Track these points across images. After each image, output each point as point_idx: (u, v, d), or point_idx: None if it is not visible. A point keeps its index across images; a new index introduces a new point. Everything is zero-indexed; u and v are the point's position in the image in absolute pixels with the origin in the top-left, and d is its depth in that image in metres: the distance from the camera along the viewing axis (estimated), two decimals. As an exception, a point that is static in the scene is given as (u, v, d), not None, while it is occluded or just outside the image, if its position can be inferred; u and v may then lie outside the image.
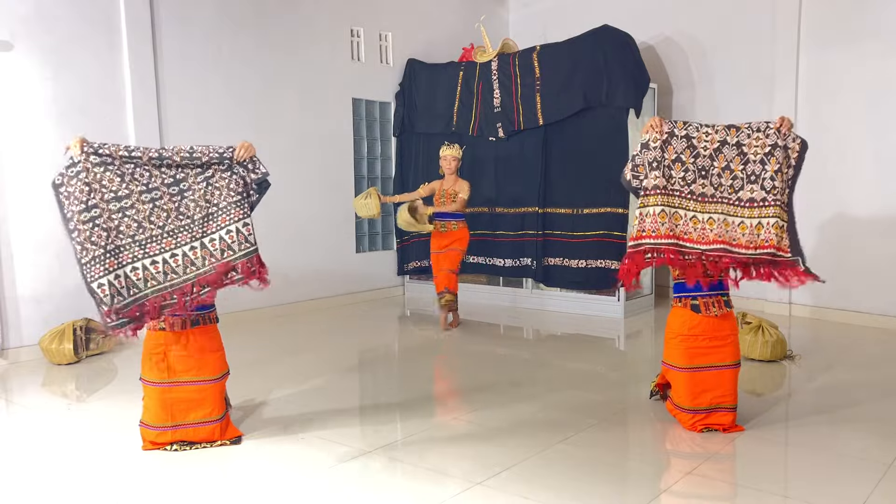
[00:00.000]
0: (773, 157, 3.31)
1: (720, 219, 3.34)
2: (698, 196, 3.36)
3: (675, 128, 3.39)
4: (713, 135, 3.37)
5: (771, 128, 3.35)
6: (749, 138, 3.35)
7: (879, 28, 5.89)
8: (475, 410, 3.93)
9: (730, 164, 3.34)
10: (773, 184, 3.30)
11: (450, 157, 5.93)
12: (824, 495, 2.82)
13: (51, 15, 5.24)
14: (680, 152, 3.37)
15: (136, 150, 3.24)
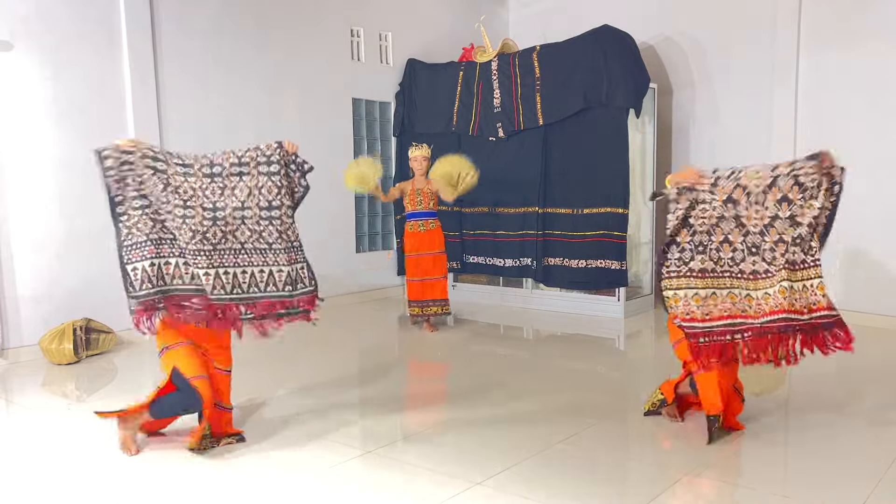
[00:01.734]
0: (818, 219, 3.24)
1: (775, 290, 3.23)
2: (749, 274, 3.28)
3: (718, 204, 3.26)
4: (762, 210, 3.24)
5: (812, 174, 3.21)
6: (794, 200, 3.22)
7: (879, 28, 5.89)
8: (475, 410, 3.93)
9: (782, 236, 3.23)
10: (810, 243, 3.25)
11: (419, 158, 5.96)
12: (824, 495, 2.82)
13: (51, 15, 5.24)
14: (728, 233, 3.29)
15: (187, 158, 3.33)
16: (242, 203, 3.32)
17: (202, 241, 3.28)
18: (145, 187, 3.25)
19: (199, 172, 3.31)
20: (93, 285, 5.42)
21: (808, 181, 3.22)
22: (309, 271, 3.52)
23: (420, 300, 6.04)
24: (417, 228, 6.00)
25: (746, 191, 3.27)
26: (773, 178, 3.25)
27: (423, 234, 5.99)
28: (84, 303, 5.36)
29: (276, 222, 3.37)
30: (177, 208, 3.26)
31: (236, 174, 3.32)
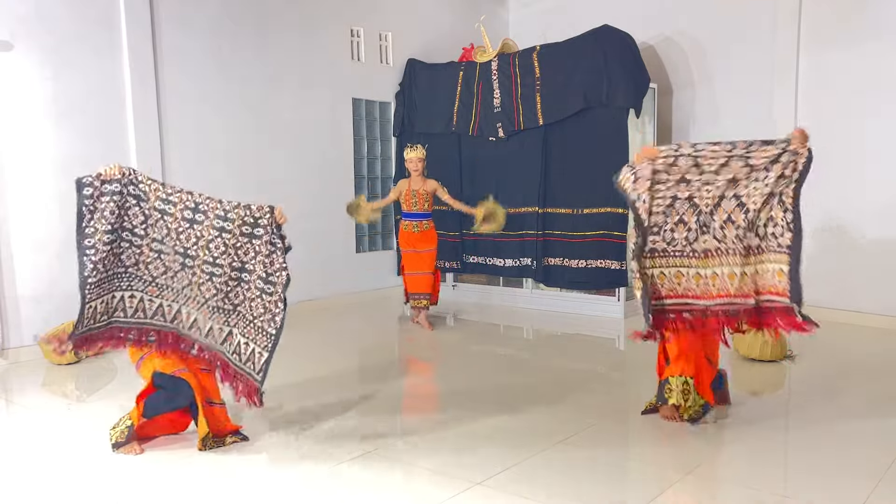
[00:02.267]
0: (768, 203, 3.28)
1: (725, 272, 3.33)
2: (701, 252, 3.36)
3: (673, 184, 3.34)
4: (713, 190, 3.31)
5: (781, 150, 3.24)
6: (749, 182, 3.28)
7: (879, 27, 5.89)
8: (475, 410, 3.92)
9: (730, 216, 3.31)
10: (765, 230, 3.29)
11: (415, 160, 6.00)
12: (824, 495, 2.82)
13: (51, 15, 5.24)
14: (682, 213, 3.36)
15: (172, 195, 3.23)
16: (214, 259, 3.26)
17: (172, 279, 3.28)
18: (119, 220, 3.16)
19: (179, 214, 3.23)
20: (93, 285, 5.41)
21: (759, 164, 3.27)
22: (262, 361, 3.34)
23: (415, 293, 6.14)
24: (412, 229, 6.06)
25: (700, 170, 3.32)
26: (727, 158, 3.30)
27: (417, 234, 6.05)
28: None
29: (244, 286, 3.30)
30: (154, 242, 3.23)
31: (217, 228, 3.23)
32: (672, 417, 3.67)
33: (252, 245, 3.27)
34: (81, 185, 3.14)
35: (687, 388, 3.55)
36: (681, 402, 3.56)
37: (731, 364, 4.81)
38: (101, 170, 3.20)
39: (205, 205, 3.24)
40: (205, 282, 3.27)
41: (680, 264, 3.38)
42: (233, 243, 3.25)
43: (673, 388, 3.58)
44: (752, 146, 3.27)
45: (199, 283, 3.27)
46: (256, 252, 3.27)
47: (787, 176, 3.26)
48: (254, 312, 3.31)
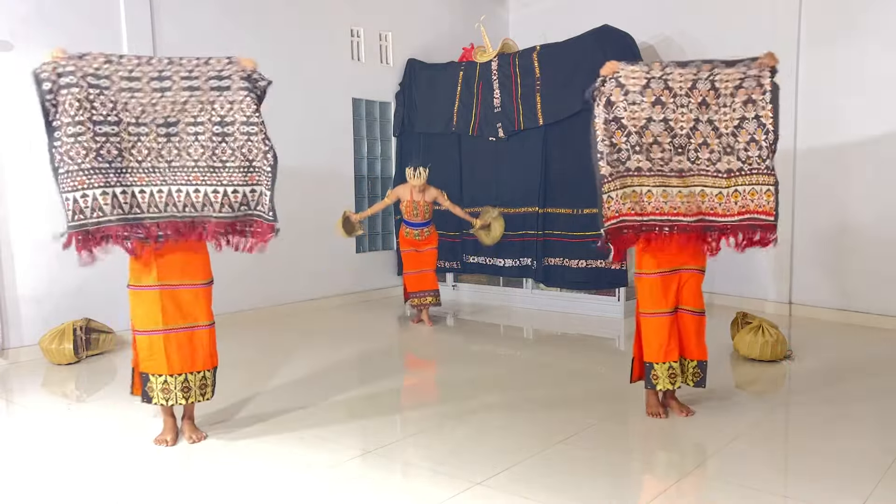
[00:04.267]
0: (743, 128, 3.33)
1: (697, 191, 3.42)
2: (677, 171, 3.43)
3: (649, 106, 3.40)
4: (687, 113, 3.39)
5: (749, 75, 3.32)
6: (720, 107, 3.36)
7: (880, 27, 5.89)
8: (475, 411, 3.93)
9: (706, 139, 3.39)
10: (747, 154, 3.35)
11: (419, 186, 5.95)
12: (824, 495, 2.82)
13: (51, 15, 5.24)
14: (657, 135, 3.42)
15: (134, 70, 3.14)
16: (195, 118, 3.21)
17: (157, 159, 3.18)
18: (83, 112, 3.05)
19: (148, 87, 3.15)
20: (93, 285, 5.41)
21: (723, 87, 3.34)
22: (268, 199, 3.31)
23: (418, 291, 6.16)
24: (413, 236, 6.12)
25: (673, 93, 3.39)
26: (693, 81, 3.38)
27: (419, 241, 6.14)
28: (84, 303, 5.36)
29: (229, 139, 3.25)
30: (130, 126, 3.14)
31: (186, 88, 3.19)
32: (657, 414, 3.70)
33: (224, 97, 3.24)
34: (39, 81, 3.06)
35: (673, 371, 3.61)
36: (668, 386, 3.63)
37: (732, 364, 4.81)
38: (48, 59, 3.07)
39: (167, 70, 3.20)
40: (192, 143, 3.22)
41: (664, 183, 3.43)
42: (206, 99, 3.23)
43: (659, 374, 3.63)
44: (716, 69, 3.37)
45: (187, 146, 3.22)
46: (231, 102, 3.24)
47: (755, 100, 3.33)
48: (248, 156, 3.28)
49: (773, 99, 3.33)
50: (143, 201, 3.18)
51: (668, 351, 3.62)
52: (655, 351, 3.63)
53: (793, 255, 6.45)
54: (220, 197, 3.25)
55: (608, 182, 3.40)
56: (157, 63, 3.20)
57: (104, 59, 3.14)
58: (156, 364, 3.36)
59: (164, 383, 3.36)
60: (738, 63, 3.37)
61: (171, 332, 3.35)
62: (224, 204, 3.25)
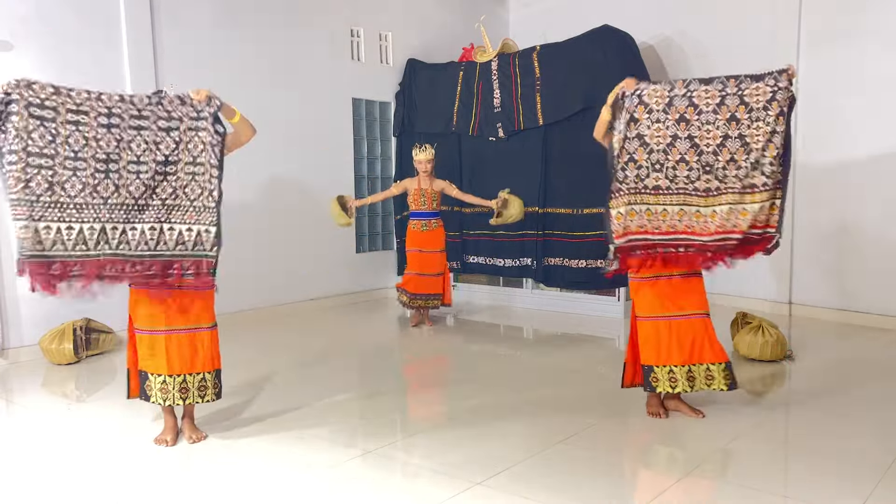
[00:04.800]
0: (772, 142, 3.30)
1: (725, 210, 3.36)
2: (703, 191, 3.39)
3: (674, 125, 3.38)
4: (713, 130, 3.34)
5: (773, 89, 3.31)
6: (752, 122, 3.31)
7: (880, 28, 5.88)
8: (475, 410, 3.93)
9: (734, 156, 3.32)
10: (772, 168, 3.32)
11: (424, 161, 6.00)
12: (824, 495, 2.82)
13: (51, 15, 5.24)
14: (683, 153, 3.38)
15: (83, 104, 3.09)
16: (138, 157, 3.15)
17: (91, 195, 3.10)
18: (26, 141, 3.00)
19: (94, 122, 3.10)
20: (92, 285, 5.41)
21: (754, 101, 3.31)
22: (213, 235, 3.24)
23: (415, 293, 6.12)
24: (420, 228, 6.09)
25: (698, 109, 3.35)
26: (721, 97, 3.34)
27: (426, 233, 6.10)
28: (84, 303, 5.35)
29: (170, 178, 3.21)
30: (67, 160, 3.08)
31: (135, 127, 3.15)
32: (657, 414, 3.70)
33: (171, 137, 3.21)
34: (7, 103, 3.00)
35: (673, 375, 3.58)
36: (668, 389, 3.60)
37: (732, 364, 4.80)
38: None
39: (117, 108, 3.15)
40: (132, 181, 3.16)
41: (683, 202, 3.39)
42: (152, 139, 3.19)
43: (659, 377, 3.61)
44: (743, 83, 3.33)
45: (127, 184, 3.16)
46: (177, 142, 3.22)
47: (784, 113, 3.30)
48: (190, 197, 3.23)
49: (791, 107, 3.33)
50: (68, 238, 3.09)
51: (669, 355, 3.59)
52: (654, 354, 3.61)
53: (793, 255, 6.45)
54: (155, 234, 3.20)
55: (616, 198, 3.40)
56: (107, 99, 3.14)
57: (52, 89, 3.07)
58: (156, 363, 3.36)
59: (162, 383, 3.36)
60: (766, 76, 3.33)
61: (172, 333, 3.35)
62: (159, 242, 3.21)
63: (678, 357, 3.59)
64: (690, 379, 3.60)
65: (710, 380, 3.60)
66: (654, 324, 3.61)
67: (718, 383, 3.60)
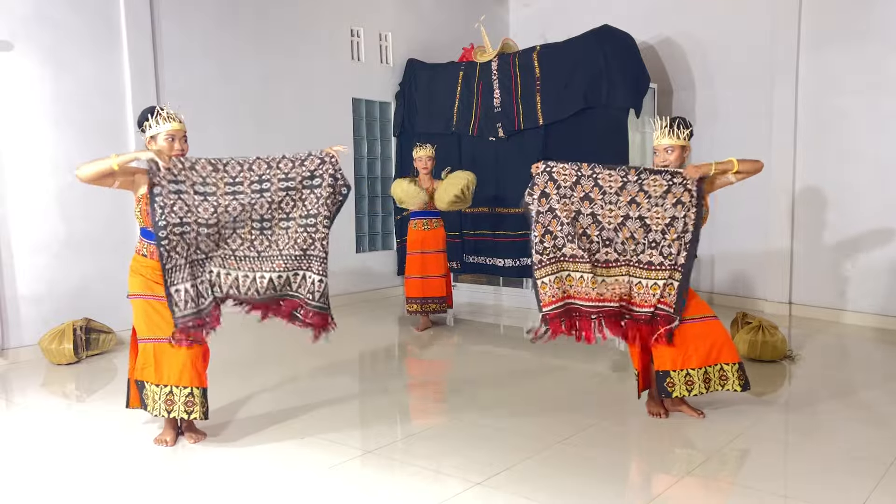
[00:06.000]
0: (672, 227, 3.52)
1: (624, 280, 3.60)
2: (603, 262, 3.61)
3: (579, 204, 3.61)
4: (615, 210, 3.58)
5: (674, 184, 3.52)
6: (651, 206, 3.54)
7: (880, 28, 5.89)
8: (475, 410, 3.93)
9: (633, 234, 3.57)
10: (669, 250, 3.53)
11: (424, 158, 6.00)
12: (824, 495, 2.82)
13: (51, 15, 5.24)
14: (585, 227, 3.60)
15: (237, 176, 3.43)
16: (287, 214, 3.50)
17: (249, 248, 3.47)
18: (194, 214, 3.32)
19: (248, 189, 3.42)
20: (93, 285, 5.42)
21: (652, 191, 3.54)
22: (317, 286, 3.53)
23: (420, 297, 6.09)
24: (422, 227, 6.07)
25: (602, 190, 3.58)
26: (622, 182, 3.57)
27: (427, 232, 6.08)
28: (84, 303, 5.36)
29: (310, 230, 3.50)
30: (227, 223, 3.41)
31: (283, 189, 3.47)
32: (657, 413, 3.70)
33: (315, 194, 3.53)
34: (151, 185, 3.27)
35: (690, 378, 3.59)
36: (685, 393, 3.60)
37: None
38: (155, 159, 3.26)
39: (267, 174, 3.47)
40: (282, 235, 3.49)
41: (592, 270, 3.59)
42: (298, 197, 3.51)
43: (676, 381, 3.61)
44: (643, 174, 3.56)
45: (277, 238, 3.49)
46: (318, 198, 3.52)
47: (684, 202, 3.52)
48: (304, 246, 3.50)
49: (699, 204, 3.52)
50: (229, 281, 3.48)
51: (686, 358, 3.59)
52: (671, 359, 3.60)
53: (793, 255, 6.46)
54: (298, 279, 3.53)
55: (539, 268, 3.58)
56: (257, 168, 3.48)
57: (212, 167, 3.41)
58: (148, 372, 3.36)
59: (151, 392, 3.36)
60: (664, 172, 3.55)
61: (164, 342, 3.34)
62: (268, 287, 3.51)
63: (696, 360, 3.59)
64: (706, 381, 3.61)
65: (724, 380, 3.62)
66: None
67: (732, 384, 3.62)
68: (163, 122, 3.41)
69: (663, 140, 3.61)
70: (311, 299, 3.51)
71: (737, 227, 6.78)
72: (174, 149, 3.38)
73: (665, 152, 3.61)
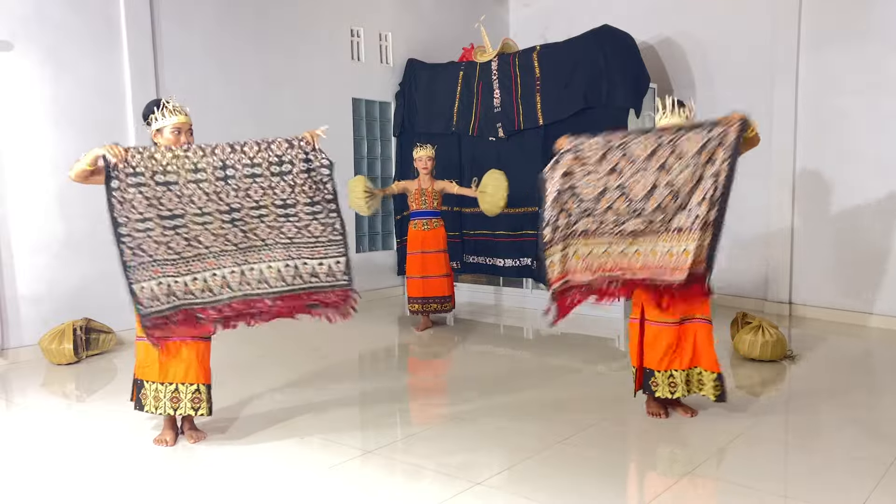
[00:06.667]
0: (700, 186, 3.35)
1: (648, 249, 3.47)
2: (630, 233, 3.48)
3: None
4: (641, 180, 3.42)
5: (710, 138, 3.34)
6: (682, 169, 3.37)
7: (880, 27, 5.89)
8: (475, 410, 3.93)
9: (660, 203, 3.41)
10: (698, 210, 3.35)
11: (424, 158, 5.98)
12: (824, 495, 2.82)
13: (51, 15, 5.24)
14: (612, 201, 3.48)
15: (199, 162, 3.25)
16: (258, 202, 3.31)
17: (224, 243, 3.29)
18: (151, 209, 3.19)
19: (212, 177, 3.27)
20: (93, 285, 5.42)
21: (686, 148, 3.35)
22: (344, 265, 3.42)
23: (421, 297, 6.07)
24: (422, 227, 6.06)
25: (630, 158, 3.43)
26: (654, 147, 3.39)
27: (427, 232, 6.06)
28: (84, 303, 5.36)
29: (292, 219, 3.34)
30: (195, 216, 3.25)
31: (249, 175, 3.29)
32: (657, 414, 3.70)
33: (285, 181, 3.32)
34: (108, 178, 3.17)
35: (673, 380, 3.60)
36: (667, 395, 3.62)
37: (732, 364, 4.81)
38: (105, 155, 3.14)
39: (231, 159, 3.29)
40: (258, 225, 3.32)
41: (610, 242, 3.50)
42: (267, 185, 3.31)
43: (659, 382, 3.63)
44: (680, 131, 3.38)
45: (253, 227, 3.32)
46: (292, 186, 3.33)
47: (715, 161, 3.32)
48: (315, 233, 3.37)
49: (733, 154, 3.32)
50: (214, 284, 3.29)
51: (671, 360, 3.61)
52: (658, 358, 3.62)
53: (793, 255, 6.46)
54: (291, 270, 3.34)
55: (550, 247, 3.52)
56: (220, 153, 3.29)
57: (170, 152, 3.25)
58: (150, 371, 3.37)
59: (155, 391, 3.36)
60: (704, 124, 3.38)
61: (180, 340, 3.36)
62: (296, 277, 3.36)
63: (680, 362, 3.61)
64: (688, 383, 3.64)
65: (702, 385, 3.64)
66: (661, 329, 3.63)
67: (708, 390, 3.62)
68: (169, 115, 3.37)
69: (673, 119, 3.56)
70: (332, 281, 3.40)
71: (737, 226, 6.77)
72: (180, 142, 3.34)
73: None
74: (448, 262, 6.20)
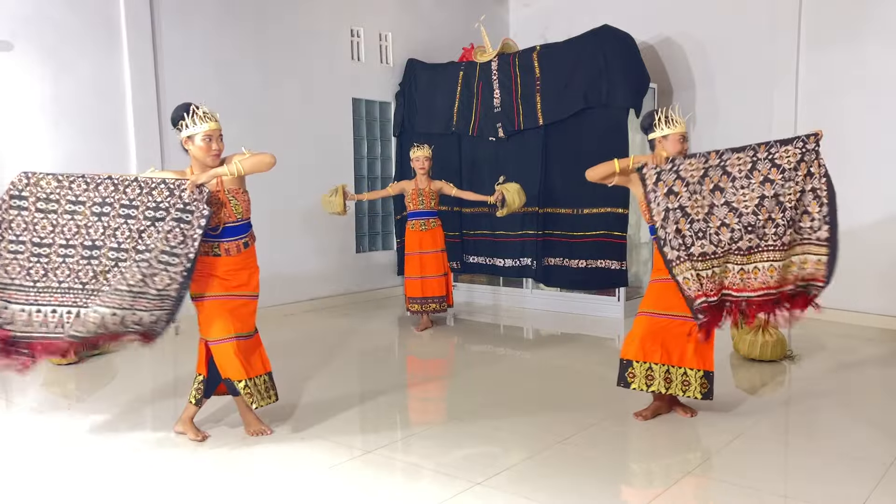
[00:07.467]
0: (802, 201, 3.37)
1: (765, 266, 3.40)
2: (745, 250, 3.42)
3: None
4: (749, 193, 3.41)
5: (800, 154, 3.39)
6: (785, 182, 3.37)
7: (880, 27, 5.89)
8: (474, 410, 3.93)
9: (771, 215, 3.38)
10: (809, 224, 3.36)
11: (422, 158, 5.99)
12: (824, 495, 2.82)
13: (51, 15, 5.24)
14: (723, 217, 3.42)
15: (81, 195, 3.23)
16: (119, 244, 3.23)
17: (74, 280, 3.23)
18: (27, 234, 3.21)
19: (88, 211, 3.23)
20: (93, 285, 5.41)
21: (785, 163, 3.38)
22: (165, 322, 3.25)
23: (420, 297, 6.08)
24: (419, 227, 6.06)
25: (731, 176, 3.42)
26: (752, 162, 3.41)
27: (425, 233, 6.06)
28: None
29: (142, 265, 3.18)
30: (59, 248, 3.23)
31: (123, 216, 3.23)
32: (644, 416, 3.70)
33: (155, 227, 3.22)
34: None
35: (651, 373, 3.59)
36: (643, 388, 3.62)
37: (731, 364, 4.81)
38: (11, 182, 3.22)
39: (111, 197, 3.23)
40: (110, 269, 3.22)
41: (726, 261, 3.44)
42: (136, 227, 3.23)
43: (636, 373, 3.64)
44: (773, 148, 3.39)
45: (104, 270, 3.23)
46: (159, 232, 3.22)
47: (813, 173, 3.37)
48: (159, 286, 3.20)
49: (826, 172, 3.39)
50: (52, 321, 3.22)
51: (649, 351, 3.61)
52: (636, 349, 3.63)
53: (793, 255, 6.45)
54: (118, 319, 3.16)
55: (678, 265, 3.44)
56: (103, 189, 3.25)
57: (56, 183, 3.24)
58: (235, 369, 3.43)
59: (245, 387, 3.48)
60: (795, 139, 3.41)
61: (240, 340, 3.47)
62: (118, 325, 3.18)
63: (659, 355, 3.60)
64: (667, 381, 3.61)
65: (687, 386, 3.61)
66: (647, 319, 3.64)
67: (694, 390, 3.60)
68: (200, 122, 3.31)
69: (678, 128, 3.56)
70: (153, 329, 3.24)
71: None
72: (212, 149, 3.31)
73: (679, 141, 3.57)
74: (446, 262, 6.21)
